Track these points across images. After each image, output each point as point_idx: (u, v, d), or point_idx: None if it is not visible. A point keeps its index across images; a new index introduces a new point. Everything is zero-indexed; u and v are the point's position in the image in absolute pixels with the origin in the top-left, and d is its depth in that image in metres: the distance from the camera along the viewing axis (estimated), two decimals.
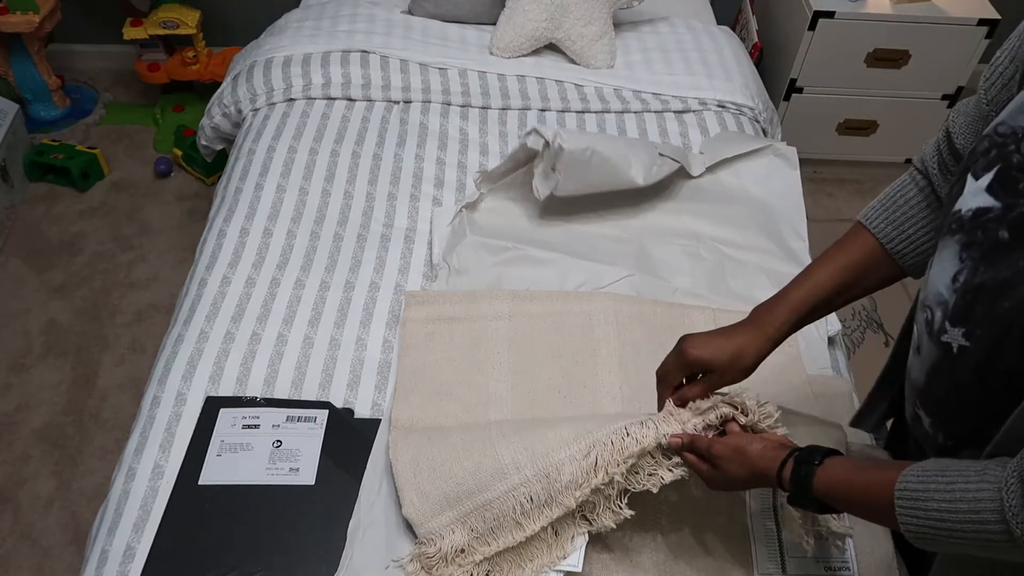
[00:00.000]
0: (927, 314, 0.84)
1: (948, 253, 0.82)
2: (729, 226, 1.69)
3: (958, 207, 0.81)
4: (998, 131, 0.78)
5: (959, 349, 0.80)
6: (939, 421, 0.88)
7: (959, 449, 0.86)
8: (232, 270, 1.57)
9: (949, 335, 0.81)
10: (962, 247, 0.80)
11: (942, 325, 0.82)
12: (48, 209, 2.55)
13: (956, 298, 0.80)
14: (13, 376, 2.13)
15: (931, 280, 0.84)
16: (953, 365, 0.82)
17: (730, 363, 1.00)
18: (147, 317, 2.26)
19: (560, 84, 2.05)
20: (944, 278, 0.82)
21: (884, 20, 2.41)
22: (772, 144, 1.84)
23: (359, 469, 1.26)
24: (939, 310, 0.82)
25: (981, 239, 0.77)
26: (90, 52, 3.01)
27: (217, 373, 1.40)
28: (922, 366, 0.87)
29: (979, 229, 0.78)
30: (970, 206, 0.79)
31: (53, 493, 1.91)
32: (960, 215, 0.80)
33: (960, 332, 0.80)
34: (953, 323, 0.80)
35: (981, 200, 0.78)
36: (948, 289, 0.81)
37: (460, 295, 1.48)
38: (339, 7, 2.23)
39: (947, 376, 0.83)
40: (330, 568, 1.16)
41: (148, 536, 1.21)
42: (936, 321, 0.83)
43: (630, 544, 1.16)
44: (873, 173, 2.80)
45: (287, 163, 1.80)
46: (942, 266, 0.82)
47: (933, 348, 0.84)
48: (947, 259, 0.82)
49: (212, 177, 2.60)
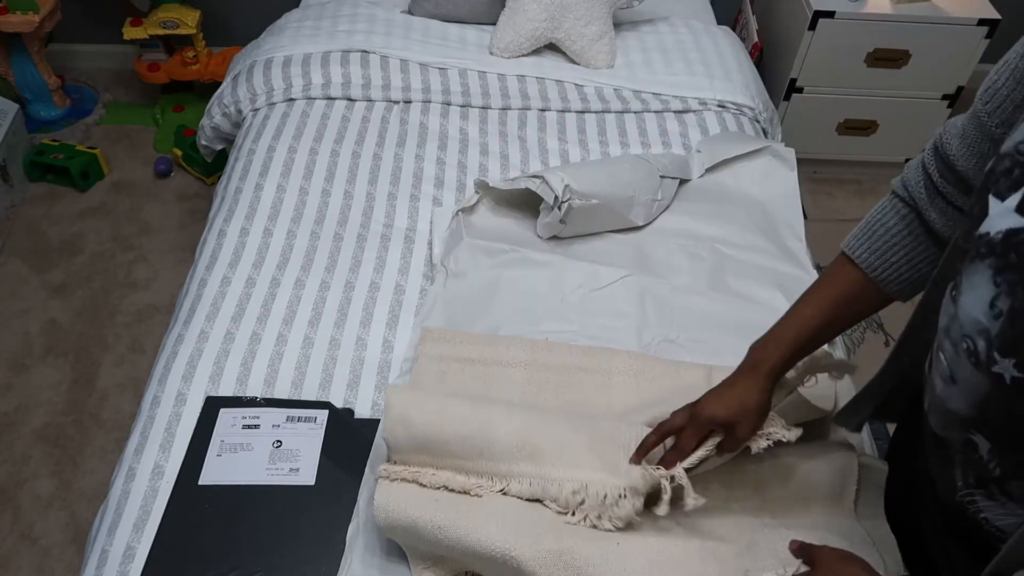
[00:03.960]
0: (968, 344, 0.81)
1: (980, 279, 0.79)
2: (727, 226, 1.69)
3: (985, 230, 0.79)
4: (1020, 150, 0.76)
5: (1013, 380, 0.77)
6: (999, 450, 0.85)
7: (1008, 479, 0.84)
8: (232, 270, 1.57)
9: (1000, 366, 0.77)
10: (995, 271, 0.77)
11: (989, 355, 0.78)
12: (48, 209, 2.55)
13: (1004, 327, 0.77)
14: (13, 376, 2.13)
15: (964, 308, 0.81)
16: (1009, 396, 0.78)
17: (739, 412, 1.04)
18: (147, 317, 2.26)
19: (560, 84, 2.05)
20: (981, 305, 0.79)
21: (884, 20, 2.41)
22: (770, 145, 1.84)
23: (359, 469, 1.26)
24: (981, 339, 0.79)
25: (1016, 261, 0.75)
26: (90, 52, 3.01)
27: (217, 373, 1.40)
28: (966, 397, 0.84)
29: (1012, 251, 0.75)
30: (999, 228, 0.77)
31: (53, 493, 1.91)
32: (989, 238, 0.78)
33: (1011, 363, 0.76)
34: (1003, 353, 0.77)
35: (1011, 221, 0.76)
36: (987, 316, 0.78)
37: (477, 336, 1.42)
38: (339, 7, 2.23)
39: (1003, 407, 0.80)
40: (330, 568, 1.16)
41: (148, 536, 1.21)
42: (982, 351, 0.79)
43: None
44: (873, 173, 2.80)
45: (287, 163, 1.80)
46: (976, 293, 0.79)
47: (981, 379, 0.81)
48: (980, 284, 0.79)
49: (212, 177, 2.60)
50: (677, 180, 1.75)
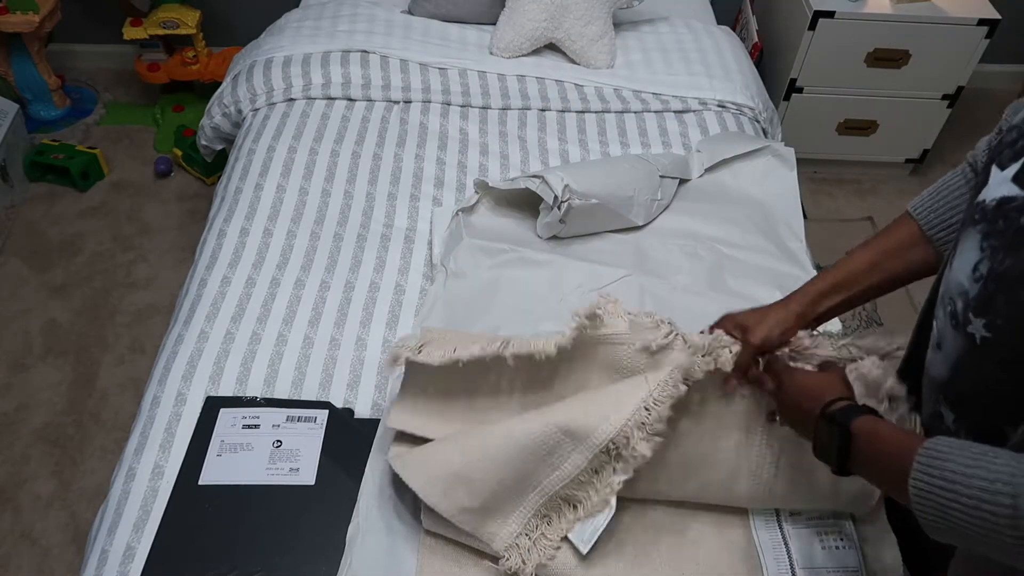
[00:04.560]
0: (950, 306, 0.84)
1: (970, 244, 0.81)
2: (727, 226, 1.69)
3: (982, 197, 0.81)
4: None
5: (982, 340, 0.79)
6: (962, 417, 0.86)
7: None
8: (232, 270, 1.57)
9: (973, 326, 0.80)
10: (983, 236, 0.79)
11: (965, 316, 0.81)
12: (48, 209, 2.55)
13: (979, 288, 0.79)
14: (13, 376, 2.13)
15: (953, 271, 0.84)
16: (978, 357, 0.80)
17: (755, 316, 1.11)
18: (147, 317, 2.26)
19: (560, 84, 2.05)
20: (966, 268, 0.81)
21: (884, 20, 2.40)
22: (770, 144, 1.84)
23: (359, 469, 1.26)
24: (960, 300, 0.81)
25: (1003, 228, 0.77)
26: (90, 52, 3.01)
27: (217, 373, 1.40)
28: (945, 360, 0.86)
29: (1001, 218, 0.77)
30: (994, 196, 0.79)
31: (53, 493, 1.91)
32: (983, 205, 0.80)
33: (982, 323, 0.78)
34: (976, 313, 0.79)
35: (1006, 189, 0.78)
36: (969, 279, 0.80)
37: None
38: (339, 7, 2.23)
39: (972, 369, 0.82)
40: (330, 568, 1.16)
41: (148, 536, 1.21)
42: (959, 312, 0.82)
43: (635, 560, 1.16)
44: (873, 173, 2.80)
45: (287, 163, 1.80)
46: (964, 257, 0.82)
47: (958, 339, 0.83)
48: (968, 249, 0.81)
49: (212, 177, 2.60)
50: (677, 180, 1.75)
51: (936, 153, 2.75)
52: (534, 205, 1.65)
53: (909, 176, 2.81)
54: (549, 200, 1.57)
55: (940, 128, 2.67)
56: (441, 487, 1.12)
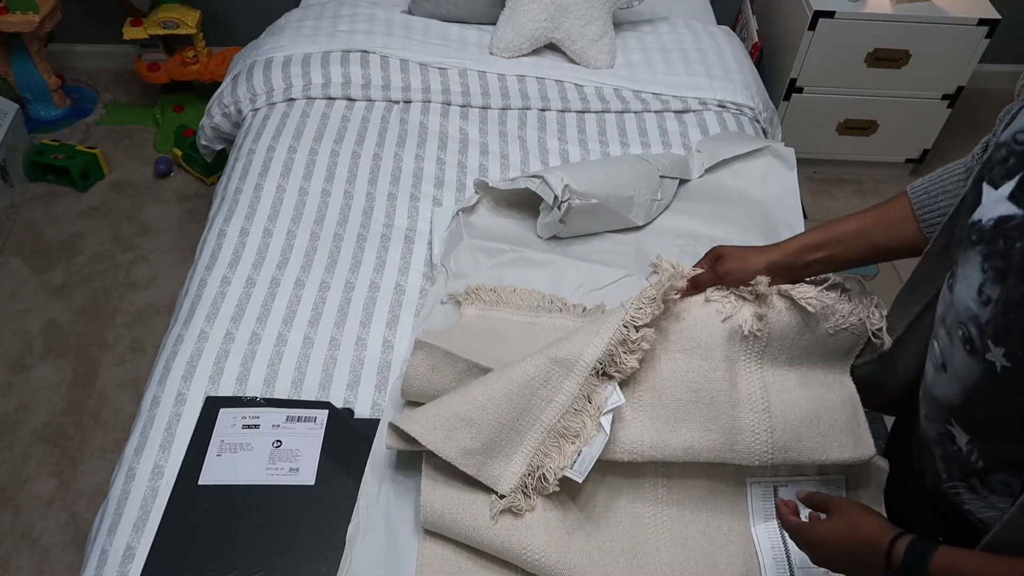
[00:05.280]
0: (962, 331, 0.82)
1: (971, 266, 0.80)
2: (727, 226, 1.69)
3: (977, 217, 0.80)
4: (1017, 139, 0.77)
5: (1003, 369, 0.77)
6: (978, 438, 0.85)
7: (990, 472, 0.84)
8: (232, 270, 1.57)
9: (992, 354, 0.78)
10: (984, 257, 0.78)
11: (983, 343, 0.79)
12: (48, 209, 2.55)
13: (996, 315, 0.77)
14: (13, 376, 2.13)
15: (956, 294, 0.82)
16: (997, 385, 0.79)
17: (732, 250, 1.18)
18: (147, 317, 2.26)
19: (560, 84, 2.05)
20: (970, 291, 0.80)
21: (884, 20, 2.41)
22: (770, 145, 1.84)
23: (359, 469, 1.26)
24: (973, 326, 0.80)
25: (1003, 248, 0.76)
26: (90, 52, 3.01)
27: (217, 373, 1.40)
28: (955, 383, 0.85)
29: (1001, 238, 0.76)
30: (991, 215, 0.78)
31: (53, 493, 1.91)
32: (980, 225, 0.79)
33: (1002, 352, 0.77)
34: (995, 342, 0.78)
35: (1003, 209, 0.77)
36: (976, 302, 0.79)
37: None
38: (339, 7, 2.23)
39: (990, 396, 0.81)
40: (330, 568, 1.16)
41: (148, 536, 1.21)
42: (975, 338, 0.80)
43: (633, 560, 1.16)
44: (873, 173, 2.80)
45: (287, 163, 1.80)
46: (966, 280, 0.80)
47: (974, 366, 0.81)
48: (971, 272, 0.80)
49: (212, 177, 2.60)
50: (677, 180, 1.75)
51: (936, 153, 2.75)
52: (534, 205, 1.65)
53: (909, 176, 2.81)
54: (549, 200, 1.57)
55: (940, 128, 2.67)
56: (444, 431, 1.14)
